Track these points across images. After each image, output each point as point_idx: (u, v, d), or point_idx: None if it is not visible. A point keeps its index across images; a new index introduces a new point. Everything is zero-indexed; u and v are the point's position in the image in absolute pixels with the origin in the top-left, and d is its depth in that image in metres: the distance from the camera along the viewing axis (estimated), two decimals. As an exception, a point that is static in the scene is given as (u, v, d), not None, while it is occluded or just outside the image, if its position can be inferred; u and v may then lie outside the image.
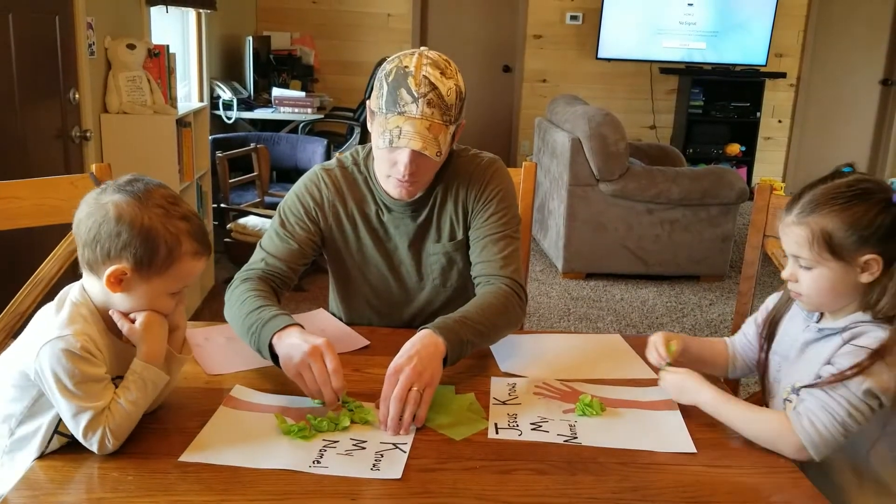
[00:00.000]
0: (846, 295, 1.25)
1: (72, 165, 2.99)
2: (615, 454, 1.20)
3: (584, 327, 3.87)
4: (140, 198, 1.11)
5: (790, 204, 1.26)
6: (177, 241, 1.11)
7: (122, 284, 1.11)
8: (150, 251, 1.10)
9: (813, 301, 1.28)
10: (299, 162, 4.94)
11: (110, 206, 1.10)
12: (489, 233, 1.65)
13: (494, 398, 1.37)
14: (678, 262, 4.47)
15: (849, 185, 1.22)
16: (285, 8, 6.51)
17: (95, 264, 1.11)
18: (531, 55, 6.81)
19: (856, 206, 1.20)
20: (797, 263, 1.26)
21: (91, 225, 1.10)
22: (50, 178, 1.66)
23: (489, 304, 1.52)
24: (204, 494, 1.06)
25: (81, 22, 3.00)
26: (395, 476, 1.12)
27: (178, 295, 1.18)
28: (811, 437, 1.19)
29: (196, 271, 1.17)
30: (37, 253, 1.69)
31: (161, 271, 1.12)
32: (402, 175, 1.53)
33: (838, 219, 1.20)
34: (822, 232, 1.21)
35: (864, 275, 1.21)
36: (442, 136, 1.49)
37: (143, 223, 1.09)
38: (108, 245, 1.09)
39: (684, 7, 6.55)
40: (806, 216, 1.23)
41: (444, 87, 1.48)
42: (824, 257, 1.21)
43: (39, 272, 1.61)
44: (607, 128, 4.29)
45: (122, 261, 1.10)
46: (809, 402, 1.21)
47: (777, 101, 7.04)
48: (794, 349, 1.33)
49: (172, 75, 3.61)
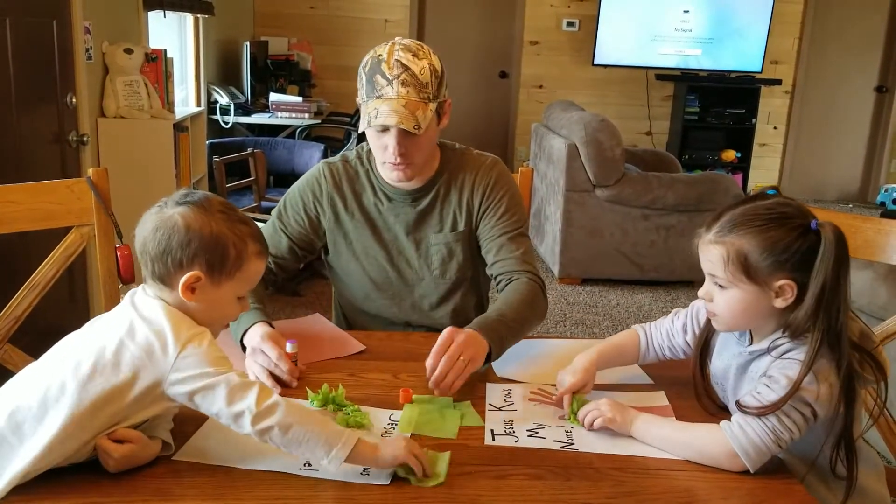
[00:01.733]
0: (760, 318, 1.24)
1: (69, 170, 2.99)
2: (610, 460, 1.21)
3: (580, 332, 3.87)
4: (203, 206, 1.14)
5: (710, 222, 1.25)
6: (243, 243, 1.15)
7: (196, 292, 1.13)
8: (221, 255, 1.13)
9: (726, 321, 1.27)
10: (296, 167, 4.94)
11: (177, 218, 1.12)
12: (504, 231, 1.71)
13: (490, 404, 1.37)
14: (674, 268, 4.48)
15: (768, 208, 1.21)
16: (283, 13, 6.52)
17: (168, 276, 1.13)
18: (528, 61, 6.83)
19: (773, 230, 1.18)
20: (713, 282, 1.25)
21: (160, 238, 1.12)
22: (46, 182, 1.65)
23: (521, 299, 1.60)
24: (198, 499, 1.06)
25: (79, 26, 3.00)
26: (383, 482, 1.11)
27: (243, 301, 1.21)
28: (742, 445, 1.17)
29: (260, 272, 1.20)
30: (33, 257, 1.69)
31: (231, 274, 1.15)
32: (394, 157, 1.59)
33: (755, 241, 1.18)
34: (738, 253, 1.19)
35: (778, 300, 1.20)
36: (420, 112, 1.54)
37: (211, 230, 1.12)
38: (180, 254, 1.11)
39: (680, 14, 6.58)
40: (723, 235, 1.21)
41: (416, 66, 1.55)
42: (738, 278, 1.20)
43: (35, 276, 1.60)
44: (603, 134, 4.30)
45: (195, 267, 1.12)
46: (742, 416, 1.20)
47: (772, 108, 7.07)
48: (733, 374, 1.31)
49: (170, 80, 3.61)
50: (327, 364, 1.51)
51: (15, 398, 1.08)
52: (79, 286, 3.08)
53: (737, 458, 1.18)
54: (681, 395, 1.42)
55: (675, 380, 1.49)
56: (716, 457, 1.20)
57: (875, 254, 1.57)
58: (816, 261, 1.16)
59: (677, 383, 1.47)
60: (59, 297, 2.84)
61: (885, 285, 2.63)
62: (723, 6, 6.58)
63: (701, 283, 1.28)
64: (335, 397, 1.33)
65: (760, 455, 1.18)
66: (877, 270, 2.67)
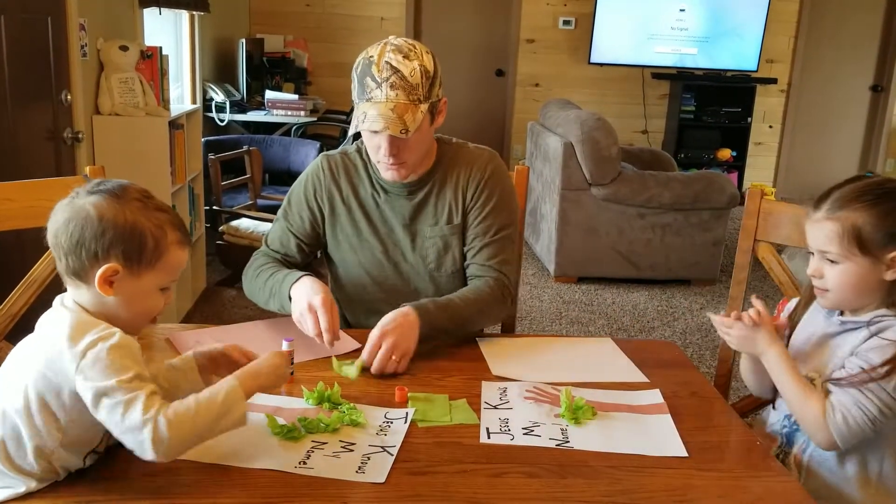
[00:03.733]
0: (869, 292, 1.28)
1: (63, 167, 2.98)
2: (606, 458, 1.21)
3: (576, 331, 3.88)
4: (117, 195, 1.08)
5: (818, 201, 1.30)
6: (162, 231, 1.09)
7: (115, 285, 1.08)
8: (139, 245, 1.07)
9: (836, 297, 1.30)
10: (292, 165, 4.94)
11: (90, 208, 1.06)
12: (486, 232, 1.73)
13: (486, 402, 1.37)
14: (669, 267, 4.49)
15: (878, 184, 1.26)
16: (279, 11, 6.51)
17: (83, 270, 1.07)
18: (524, 59, 6.83)
19: (884, 204, 1.24)
20: (824, 259, 1.29)
21: (72, 230, 1.06)
22: (42, 179, 1.65)
23: (474, 298, 1.66)
24: (193, 497, 1.06)
25: (74, 23, 2.99)
26: (379, 480, 1.11)
27: (167, 292, 1.16)
28: (842, 433, 1.22)
29: (182, 262, 1.15)
30: (28, 255, 1.69)
31: (151, 265, 1.09)
32: (387, 158, 1.62)
33: (868, 214, 1.23)
34: (853, 227, 1.24)
35: (889, 272, 1.24)
36: (409, 114, 1.55)
37: (126, 218, 1.07)
38: (94, 246, 1.06)
39: (676, 13, 6.58)
40: (836, 212, 1.26)
41: (406, 68, 1.55)
42: (853, 252, 1.24)
43: (31, 274, 1.60)
44: (599, 132, 4.30)
45: (111, 260, 1.06)
46: (843, 397, 1.24)
47: (768, 107, 7.08)
48: (809, 343, 1.36)
49: (165, 77, 3.60)
50: (322, 362, 1.50)
51: None
52: (74, 284, 3.06)
53: (834, 445, 1.24)
54: (676, 393, 1.43)
55: (670, 378, 1.49)
56: (813, 435, 1.26)
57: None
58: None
59: (672, 381, 1.47)
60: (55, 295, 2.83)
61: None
62: (719, 5, 6.59)
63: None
64: (330, 395, 1.33)
65: (856, 439, 1.23)
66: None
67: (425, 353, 1.58)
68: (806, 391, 1.29)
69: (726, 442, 1.28)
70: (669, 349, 1.67)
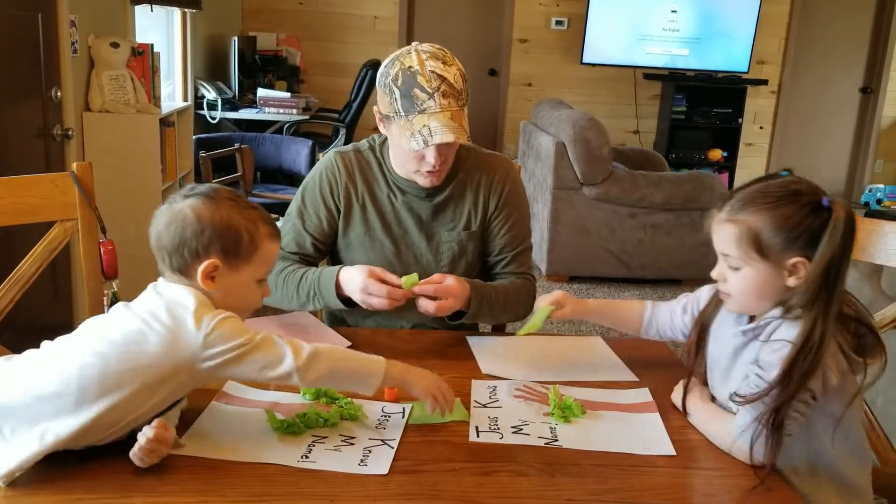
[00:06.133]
0: (772, 297, 1.22)
1: (53, 164, 2.97)
2: (595, 456, 1.21)
3: (567, 329, 3.88)
4: (210, 196, 1.17)
5: (723, 201, 1.25)
6: (255, 227, 1.18)
7: (216, 280, 1.16)
8: (235, 240, 1.16)
9: (739, 302, 1.26)
10: (284, 163, 4.92)
11: (188, 210, 1.15)
12: (513, 240, 1.79)
13: (475, 401, 1.37)
14: (660, 266, 4.50)
15: (780, 186, 1.20)
16: (271, 8, 6.49)
17: (186, 267, 1.16)
18: (517, 59, 6.83)
19: (784, 207, 1.18)
20: (726, 262, 1.25)
21: (174, 231, 1.15)
22: (30, 176, 1.64)
23: (514, 289, 1.75)
24: (181, 496, 1.05)
25: (64, 20, 2.98)
26: (381, 472, 1.12)
27: (263, 284, 1.24)
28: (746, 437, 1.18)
29: (275, 253, 1.24)
30: (16, 252, 1.68)
31: (248, 258, 1.18)
32: (434, 167, 1.61)
33: (766, 217, 1.18)
34: (750, 230, 1.19)
35: (790, 278, 1.19)
36: (464, 120, 1.58)
37: (222, 217, 1.16)
38: (196, 244, 1.14)
39: (668, 14, 6.60)
40: (735, 213, 1.21)
41: (449, 75, 1.56)
42: (751, 257, 1.20)
43: (18, 271, 1.59)
44: (591, 132, 4.31)
45: (212, 256, 1.15)
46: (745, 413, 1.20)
47: (758, 108, 7.11)
48: (726, 357, 1.31)
49: (156, 74, 3.59)
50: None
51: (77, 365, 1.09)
52: (62, 282, 3.05)
53: (746, 452, 1.18)
54: (665, 392, 1.43)
55: (660, 377, 1.49)
56: (729, 448, 1.21)
57: (858, 253, 1.58)
58: (825, 236, 1.15)
59: (661, 380, 1.47)
60: (42, 292, 2.82)
61: (869, 284, 2.65)
62: (710, 6, 6.61)
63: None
64: (327, 390, 1.33)
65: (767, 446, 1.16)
66: (861, 270, 2.69)
67: (415, 351, 1.58)
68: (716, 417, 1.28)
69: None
70: (659, 348, 1.67)
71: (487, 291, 1.68)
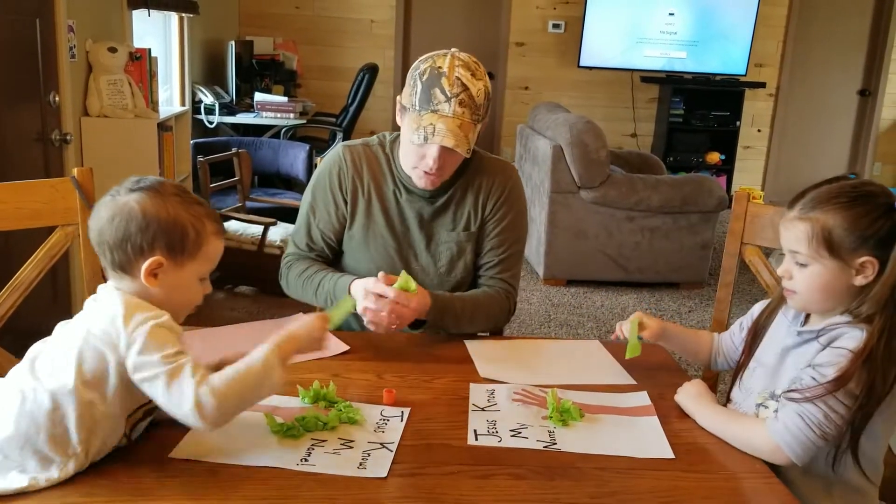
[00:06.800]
0: (838, 296, 1.25)
1: (51, 169, 2.97)
2: (593, 460, 1.21)
3: (565, 333, 3.89)
4: (157, 191, 1.14)
5: (793, 201, 1.28)
6: (201, 223, 1.16)
7: (159, 277, 1.14)
8: (181, 237, 1.14)
9: (804, 299, 1.28)
10: (281, 167, 4.93)
11: (133, 204, 1.12)
12: (500, 244, 1.80)
13: (474, 404, 1.37)
14: (658, 270, 4.50)
15: (853, 187, 1.24)
16: (268, 13, 6.50)
17: (128, 264, 1.13)
18: (514, 63, 6.84)
19: (858, 207, 1.21)
20: (794, 260, 1.27)
21: (117, 225, 1.12)
22: (29, 181, 1.64)
23: (483, 298, 1.75)
24: (181, 499, 1.06)
25: (62, 25, 2.98)
26: (380, 475, 1.13)
27: (205, 282, 1.22)
28: (786, 440, 1.20)
29: (220, 251, 1.21)
30: (16, 257, 1.68)
31: (193, 255, 1.16)
32: (430, 168, 1.63)
33: (839, 217, 1.21)
34: (823, 228, 1.21)
35: (858, 277, 1.22)
36: (471, 133, 1.60)
37: (168, 213, 1.13)
38: (140, 240, 1.11)
39: (665, 17, 6.62)
40: (808, 212, 1.24)
41: (474, 87, 1.58)
42: (821, 254, 1.22)
43: (19, 276, 1.59)
44: (589, 135, 4.32)
45: (156, 252, 1.12)
46: (788, 407, 1.22)
47: (756, 111, 7.12)
48: (774, 356, 1.33)
49: (154, 79, 3.59)
50: (311, 365, 1.50)
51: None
52: (62, 286, 3.05)
53: (780, 452, 1.20)
54: (662, 395, 1.43)
55: (658, 380, 1.50)
56: (760, 449, 1.23)
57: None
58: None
59: (660, 384, 1.48)
60: (42, 297, 2.81)
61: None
62: (708, 9, 6.63)
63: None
64: (326, 394, 1.34)
65: (805, 449, 1.19)
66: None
67: (413, 355, 1.58)
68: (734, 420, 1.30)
69: (713, 444, 1.28)
70: (657, 352, 1.67)
71: (452, 305, 1.69)
